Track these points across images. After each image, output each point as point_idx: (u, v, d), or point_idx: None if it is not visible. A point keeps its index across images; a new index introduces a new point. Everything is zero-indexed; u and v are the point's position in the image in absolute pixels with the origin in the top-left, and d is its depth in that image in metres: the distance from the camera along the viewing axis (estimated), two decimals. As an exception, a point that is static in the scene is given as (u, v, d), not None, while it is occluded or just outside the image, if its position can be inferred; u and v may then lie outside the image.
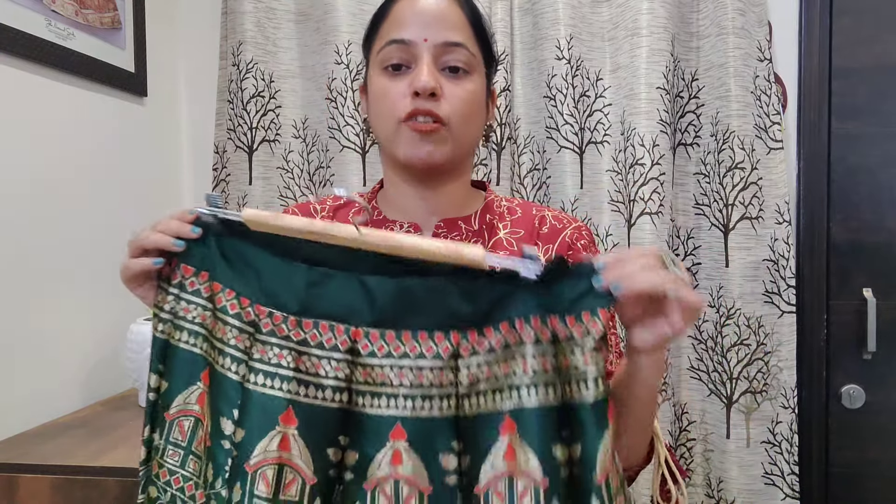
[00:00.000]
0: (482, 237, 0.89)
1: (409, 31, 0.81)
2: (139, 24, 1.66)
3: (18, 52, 1.29)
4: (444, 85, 0.81)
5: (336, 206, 0.95)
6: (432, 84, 0.79)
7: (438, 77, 0.81)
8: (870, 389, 1.70)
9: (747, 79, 1.63)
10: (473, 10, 0.86)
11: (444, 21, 0.81)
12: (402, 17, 0.82)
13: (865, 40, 1.69)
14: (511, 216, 0.92)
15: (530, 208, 0.94)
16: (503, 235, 0.89)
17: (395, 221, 0.89)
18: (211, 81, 1.83)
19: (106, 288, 1.54)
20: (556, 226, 0.91)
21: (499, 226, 0.90)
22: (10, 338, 1.27)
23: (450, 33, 0.81)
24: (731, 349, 1.65)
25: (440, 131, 0.81)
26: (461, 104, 0.82)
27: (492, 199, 0.93)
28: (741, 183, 1.64)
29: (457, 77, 0.82)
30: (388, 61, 0.82)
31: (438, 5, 0.82)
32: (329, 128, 1.74)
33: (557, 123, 1.69)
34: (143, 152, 1.69)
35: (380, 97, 0.83)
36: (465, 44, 0.82)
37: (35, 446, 1.18)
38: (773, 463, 1.65)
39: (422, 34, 0.80)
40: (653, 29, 1.62)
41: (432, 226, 0.88)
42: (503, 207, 0.93)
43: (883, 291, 1.69)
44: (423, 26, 0.80)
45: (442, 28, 0.81)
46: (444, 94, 0.81)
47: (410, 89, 0.80)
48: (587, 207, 1.71)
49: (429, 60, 0.80)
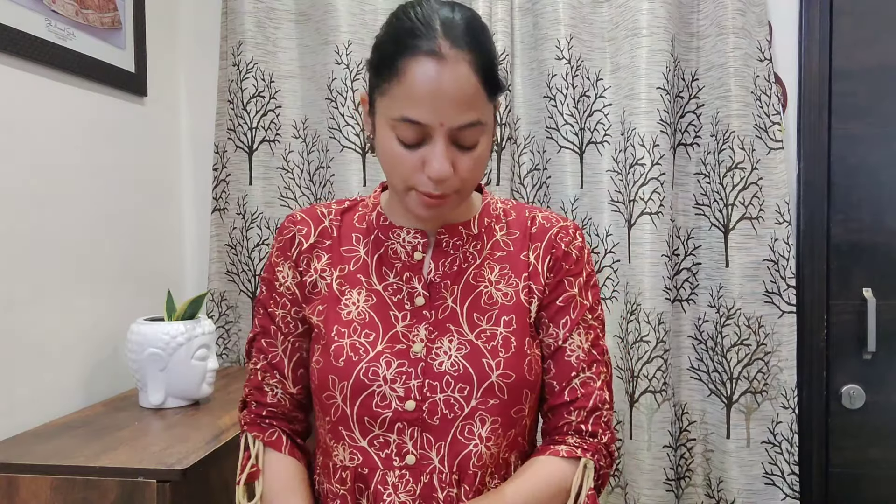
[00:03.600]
0: (481, 240, 0.91)
1: (424, 113, 0.76)
2: (139, 24, 1.66)
3: (18, 52, 1.29)
4: (456, 160, 0.79)
5: (343, 210, 0.95)
6: (448, 174, 0.78)
7: (453, 154, 0.79)
8: (870, 389, 1.70)
9: (747, 79, 1.63)
10: (487, 60, 0.79)
11: (460, 101, 0.76)
12: (416, 93, 0.76)
13: (865, 40, 1.69)
14: (507, 218, 0.94)
15: (523, 209, 0.96)
16: (500, 237, 0.92)
17: (402, 227, 0.90)
18: (211, 81, 1.83)
19: (106, 288, 1.54)
20: (545, 225, 0.93)
21: (496, 228, 0.93)
22: (10, 338, 1.27)
23: (466, 115, 0.77)
24: (731, 349, 1.65)
25: (451, 198, 0.82)
26: (472, 173, 0.81)
27: (488, 203, 0.95)
28: (741, 183, 1.64)
29: (469, 149, 0.80)
30: (400, 134, 0.79)
31: (456, 83, 0.76)
32: (329, 128, 1.74)
33: (557, 123, 1.69)
34: (143, 152, 1.69)
35: (390, 160, 0.81)
36: (480, 119, 0.79)
37: (35, 446, 1.18)
38: (773, 463, 1.65)
39: (438, 118, 0.76)
40: (653, 29, 1.62)
41: (435, 231, 0.90)
42: (499, 210, 0.95)
43: (883, 291, 1.69)
44: (440, 110, 0.76)
45: (458, 111, 0.77)
46: (457, 168, 0.79)
47: (424, 168, 0.79)
48: (587, 207, 1.71)
49: (444, 144, 0.78)
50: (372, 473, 0.84)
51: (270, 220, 1.78)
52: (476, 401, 0.83)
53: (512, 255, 0.91)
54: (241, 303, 1.80)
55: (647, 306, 1.63)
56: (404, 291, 0.88)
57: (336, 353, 0.86)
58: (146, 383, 1.38)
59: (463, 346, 0.85)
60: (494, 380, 0.84)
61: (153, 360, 1.36)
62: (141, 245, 1.67)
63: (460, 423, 0.83)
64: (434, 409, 0.83)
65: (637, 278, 1.64)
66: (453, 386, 0.83)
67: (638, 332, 1.64)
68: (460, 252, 0.90)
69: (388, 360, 0.84)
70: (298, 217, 0.94)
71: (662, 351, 1.64)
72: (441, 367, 0.84)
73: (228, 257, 1.79)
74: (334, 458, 0.87)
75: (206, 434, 1.23)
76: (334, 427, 0.87)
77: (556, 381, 0.90)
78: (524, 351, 0.87)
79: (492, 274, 0.89)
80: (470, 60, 0.77)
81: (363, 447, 0.85)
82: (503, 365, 0.84)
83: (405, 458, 0.84)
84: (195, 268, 1.89)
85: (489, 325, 0.87)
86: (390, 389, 0.83)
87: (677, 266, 1.71)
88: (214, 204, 1.80)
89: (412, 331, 0.86)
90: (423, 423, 0.83)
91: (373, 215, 0.93)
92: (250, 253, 1.78)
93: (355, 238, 0.92)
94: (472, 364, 0.84)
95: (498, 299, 0.88)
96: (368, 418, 0.84)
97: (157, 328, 1.37)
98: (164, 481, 1.06)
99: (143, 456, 1.11)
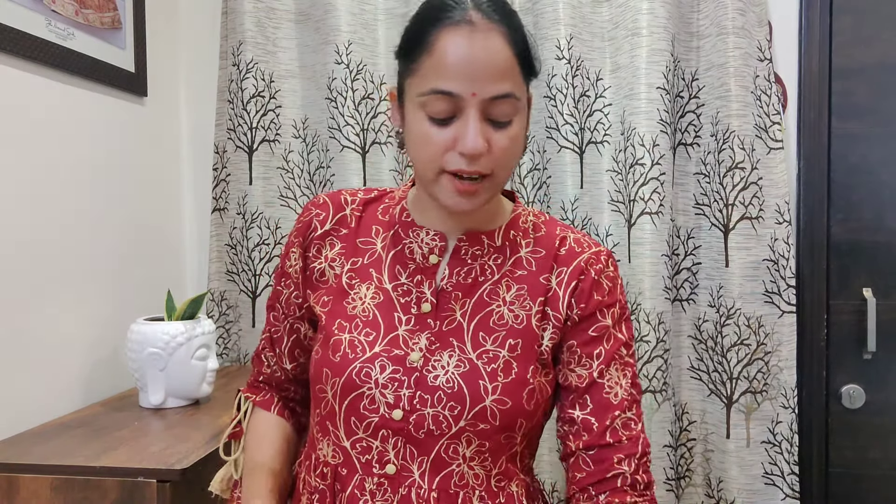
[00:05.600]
0: (503, 254, 0.87)
1: (456, 82, 0.74)
2: (139, 24, 1.66)
3: (18, 52, 1.29)
4: (490, 137, 0.76)
5: (368, 200, 0.93)
6: (482, 147, 0.75)
7: (486, 130, 0.76)
8: (870, 389, 1.70)
9: (747, 79, 1.63)
10: (520, 37, 0.78)
11: (493, 71, 0.74)
12: (448, 62, 0.74)
13: (865, 40, 1.69)
14: (535, 233, 0.90)
15: (554, 227, 0.91)
16: (524, 254, 0.88)
17: (423, 227, 0.87)
18: (211, 81, 1.83)
19: (106, 288, 1.54)
20: (575, 249, 0.88)
21: (521, 243, 0.88)
22: (10, 338, 1.27)
23: (499, 85, 0.75)
24: (731, 349, 1.65)
25: (483, 185, 0.78)
26: (506, 154, 0.78)
27: (518, 214, 0.90)
28: (741, 183, 1.64)
29: (504, 127, 0.77)
30: (431, 110, 0.76)
31: (488, 52, 0.74)
32: (329, 128, 1.74)
33: (557, 123, 1.69)
34: (143, 152, 1.69)
35: (420, 141, 0.78)
36: (513, 92, 0.76)
37: (35, 446, 1.18)
38: (773, 463, 1.65)
39: (470, 88, 0.74)
40: (653, 29, 1.62)
41: (456, 236, 0.87)
42: (529, 223, 0.90)
43: (883, 291, 1.69)
44: (472, 79, 0.74)
45: (491, 80, 0.74)
46: (491, 147, 0.76)
47: (456, 146, 0.76)
48: (587, 207, 1.71)
49: (476, 117, 0.75)
50: (350, 476, 0.83)
51: (270, 220, 1.78)
52: (465, 422, 0.80)
53: (532, 275, 0.86)
54: (241, 302, 1.80)
55: (647, 306, 1.63)
56: (413, 295, 0.85)
57: (334, 348, 0.84)
58: (146, 383, 1.38)
59: (462, 364, 0.82)
60: (488, 404, 0.80)
61: (153, 359, 1.36)
62: (141, 245, 1.67)
63: (446, 441, 0.81)
64: (421, 422, 0.80)
65: (637, 278, 1.64)
66: (445, 403, 0.80)
67: (638, 332, 1.64)
68: (478, 263, 0.86)
69: (383, 364, 0.82)
70: (321, 200, 0.92)
71: (662, 351, 1.64)
72: (436, 380, 0.81)
73: (228, 257, 1.79)
74: (318, 451, 0.87)
75: (206, 434, 1.23)
76: (322, 421, 0.86)
77: (594, 417, 0.84)
78: (526, 379, 0.83)
79: (508, 293, 0.85)
80: (503, 32, 0.75)
81: (345, 447, 0.84)
82: (500, 390, 0.81)
83: (385, 466, 0.82)
84: (195, 268, 1.89)
85: (493, 346, 0.83)
86: (380, 394, 0.81)
87: (677, 266, 1.71)
88: (214, 204, 1.80)
89: (413, 337, 0.84)
90: (408, 434, 0.81)
91: (396, 209, 0.90)
92: (250, 253, 1.78)
93: (375, 231, 0.90)
94: (468, 384, 0.81)
95: (508, 321, 0.84)
96: (355, 419, 0.83)
97: (157, 328, 1.37)
98: (164, 481, 1.06)
99: (142, 456, 1.11)
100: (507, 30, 0.76)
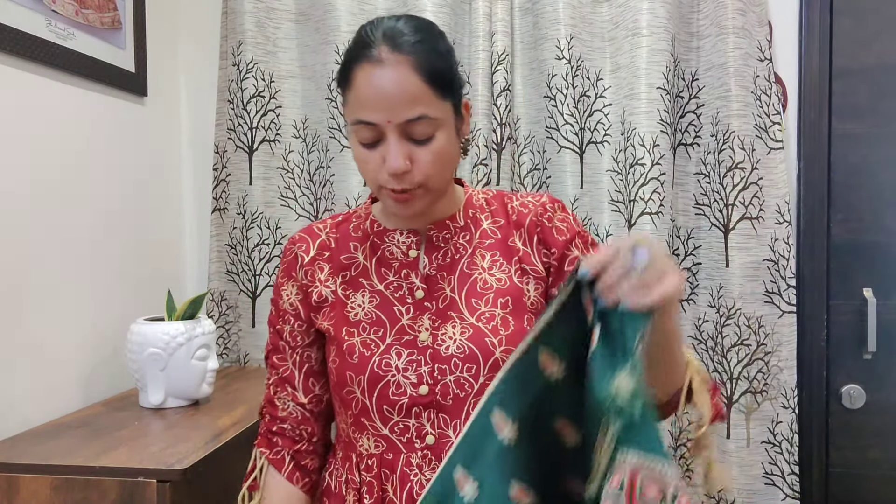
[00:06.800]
0: (469, 231, 0.96)
1: (372, 113, 0.83)
2: (139, 24, 1.66)
3: (18, 52, 1.29)
4: (413, 153, 0.85)
5: (337, 223, 1.00)
6: (402, 167, 0.83)
7: (408, 149, 0.84)
8: (870, 389, 1.70)
9: (747, 79, 1.63)
10: (429, 63, 0.84)
11: (404, 98, 0.82)
12: (363, 95, 0.83)
13: (865, 40, 1.69)
14: (490, 207, 0.99)
15: (502, 198, 1.00)
16: (487, 226, 0.97)
17: (395, 230, 0.95)
18: (211, 81, 1.83)
19: (106, 288, 1.54)
20: (522, 210, 0.97)
21: (480, 218, 0.98)
22: (10, 338, 1.27)
23: (411, 110, 0.82)
24: (731, 349, 1.65)
25: (417, 193, 0.87)
26: (433, 165, 0.85)
27: (470, 195, 0.99)
28: (741, 183, 1.64)
29: (426, 143, 0.85)
30: (360, 136, 0.86)
31: (396, 83, 0.82)
32: (329, 128, 1.74)
33: (557, 123, 1.69)
34: (143, 152, 1.69)
35: (359, 162, 0.89)
36: (426, 113, 0.83)
37: (35, 446, 1.18)
38: (773, 463, 1.65)
39: (385, 116, 0.82)
40: (653, 29, 1.62)
41: (426, 229, 0.95)
42: (481, 200, 1.00)
43: (883, 291, 1.69)
44: (385, 109, 0.82)
45: (403, 107, 0.82)
46: (416, 162, 0.85)
47: (384, 165, 0.85)
48: (587, 207, 1.71)
49: (395, 139, 0.83)
50: (396, 458, 0.90)
51: (270, 219, 1.78)
52: (484, 377, 0.88)
53: (500, 241, 0.96)
54: (241, 302, 1.80)
55: (647, 306, 1.63)
56: (404, 287, 0.93)
57: (349, 351, 0.91)
58: (146, 383, 1.38)
59: (466, 330, 0.90)
60: (498, 355, 0.88)
61: (153, 359, 1.36)
62: (141, 245, 1.67)
63: (472, 399, 0.88)
64: (446, 390, 0.88)
65: (637, 278, 1.64)
66: (461, 367, 0.88)
67: (638, 332, 1.64)
68: (451, 244, 0.95)
69: (399, 351, 0.90)
70: (297, 237, 1.00)
71: (662, 351, 1.64)
72: (448, 350, 0.89)
73: (228, 257, 1.79)
74: (359, 448, 0.93)
75: (206, 434, 1.23)
76: (357, 419, 0.92)
77: None
78: (524, 328, 0.90)
79: (483, 261, 0.94)
80: (411, 62, 0.83)
81: (385, 434, 0.90)
82: (505, 341, 0.89)
83: (425, 438, 0.89)
84: (195, 268, 1.89)
85: (487, 307, 0.91)
86: (403, 377, 0.89)
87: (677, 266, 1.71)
88: (214, 204, 1.80)
89: (417, 322, 0.91)
90: (438, 404, 0.88)
91: (366, 223, 0.98)
92: (250, 253, 1.78)
93: (353, 246, 0.98)
94: (476, 344, 0.89)
95: (492, 284, 0.93)
96: (387, 406, 0.89)
97: (157, 328, 1.37)
98: (164, 481, 1.06)
99: (143, 456, 1.11)
100: (414, 59, 0.83)
